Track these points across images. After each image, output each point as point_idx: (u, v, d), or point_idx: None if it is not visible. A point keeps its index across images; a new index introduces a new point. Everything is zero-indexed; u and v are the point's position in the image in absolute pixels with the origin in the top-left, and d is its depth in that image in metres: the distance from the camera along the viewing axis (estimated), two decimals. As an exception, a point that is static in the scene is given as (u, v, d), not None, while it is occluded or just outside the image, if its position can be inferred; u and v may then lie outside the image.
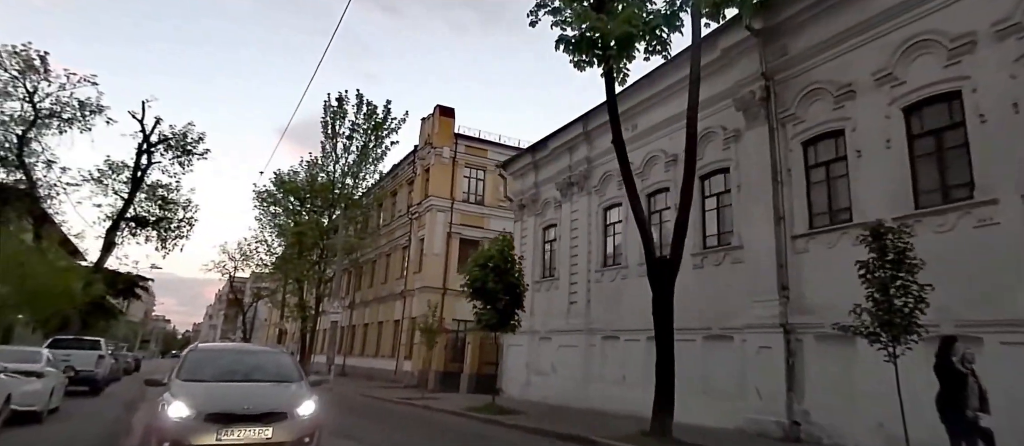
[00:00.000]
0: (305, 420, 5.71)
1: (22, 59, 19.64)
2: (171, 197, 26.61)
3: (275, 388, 6.06)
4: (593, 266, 16.01)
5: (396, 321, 29.56)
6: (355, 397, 18.37)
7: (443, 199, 27.71)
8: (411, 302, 27.86)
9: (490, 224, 28.83)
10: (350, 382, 25.50)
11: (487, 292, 12.38)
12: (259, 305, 57.11)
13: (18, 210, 18.56)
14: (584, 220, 16.59)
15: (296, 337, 47.41)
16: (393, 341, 29.61)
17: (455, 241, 27.76)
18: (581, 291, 16.17)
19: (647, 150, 14.70)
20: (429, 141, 28.96)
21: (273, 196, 32.35)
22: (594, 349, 15.26)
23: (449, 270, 27.16)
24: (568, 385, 15.60)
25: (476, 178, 29.47)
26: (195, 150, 25.46)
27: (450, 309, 26.77)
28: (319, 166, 32.15)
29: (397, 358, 27.78)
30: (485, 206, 29.06)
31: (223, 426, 5.22)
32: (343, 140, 31.82)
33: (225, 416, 5.28)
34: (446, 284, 26.89)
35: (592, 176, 16.64)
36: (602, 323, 15.17)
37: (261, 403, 5.57)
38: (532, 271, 18.21)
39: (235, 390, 5.80)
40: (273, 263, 33.68)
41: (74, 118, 21.34)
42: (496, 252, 12.63)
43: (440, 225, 27.38)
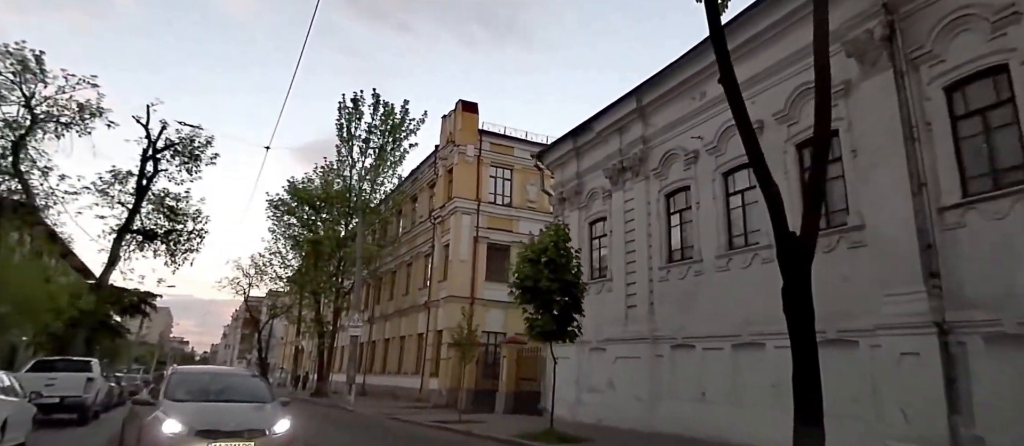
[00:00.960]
0: (282, 437, 6.23)
1: (16, 59, 18.23)
2: (180, 208, 25.02)
3: (254, 407, 6.62)
4: (655, 263, 13.72)
5: (420, 335, 27.45)
6: (381, 420, 16.22)
7: (468, 201, 25.68)
8: (436, 314, 25.74)
9: (519, 227, 26.71)
10: (372, 402, 23.38)
11: (540, 293, 10.15)
12: (274, 323, 55.58)
13: (12, 221, 16.96)
14: (641, 210, 14.34)
15: (313, 355, 45.67)
16: (417, 357, 27.46)
17: (482, 246, 25.65)
18: (641, 293, 13.87)
19: (725, 119, 12.45)
20: (451, 139, 27.06)
21: (287, 205, 30.66)
22: (661, 361, 12.91)
23: (477, 278, 25.04)
24: (630, 404, 13.24)
25: (503, 178, 27.44)
26: (203, 155, 23.89)
27: (479, 320, 24.49)
28: (335, 171, 30.45)
29: (422, 375, 25.60)
30: (513, 208, 26.98)
31: (210, 441, 5.73)
32: (359, 143, 30.11)
33: (213, 432, 5.80)
34: (474, 293, 24.74)
35: (649, 158, 14.42)
36: (670, 329, 12.83)
37: (244, 421, 6.12)
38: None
39: (219, 409, 6.37)
40: (288, 277, 31.86)
41: (72, 122, 19.87)
42: (550, 244, 10.41)
43: (466, 229, 25.32)
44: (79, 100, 19.76)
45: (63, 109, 19.56)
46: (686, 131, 13.41)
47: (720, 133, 12.43)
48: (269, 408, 6.67)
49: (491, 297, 25.10)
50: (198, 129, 23.35)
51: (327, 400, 26.13)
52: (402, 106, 30.00)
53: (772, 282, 10.86)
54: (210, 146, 23.54)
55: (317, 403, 25.22)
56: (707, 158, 12.72)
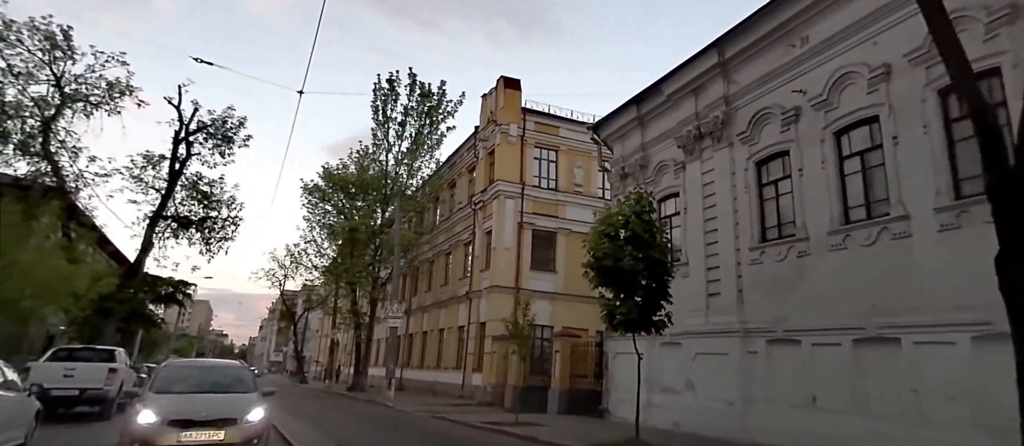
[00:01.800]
0: (254, 424, 6.65)
1: (44, 34, 17.60)
2: (214, 194, 24.34)
3: (229, 397, 7.01)
4: (744, 243, 11.80)
5: (461, 328, 26.10)
6: (425, 419, 14.86)
7: (512, 184, 24.09)
8: (478, 305, 24.32)
9: (566, 213, 25.02)
10: (411, 398, 22.16)
11: (622, 274, 8.43)
12: (310, 317, 55.56)
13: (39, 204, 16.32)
14: (724, 182, 12.43)
15: (348, 348, 45.14)
16: (458, 351, 26.14)
17: (527, 233, 24.05)
18: (726, 278, 11.99)
19: (829, 69, 10.44)
20: (493, 118, 25.50)
21: (322, 191, 29.77)
22: (755, 359, 11.02)
23: (521, 267, 23.45)
24: (716, 409, 11.41)
25: (548, 159, 25.73)
26: (236, 137, 23.06)
27: (527, 315, 22.98)
28: (370, 156, 29.36)
29: (464, 371, 24.25)
30: (559, 192, 25.26)
31: (182, 429, 6.18)
32: (395, 126, 28.91)
33: (184, 421, 6.23)
34: (519, 283, 23.17)
35: (734, 121, 12.47)
36: (766, 321, 10.92)
37: (214, 410, 6.51)
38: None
39: (195, 400, 6.74)
40: (325, 266, 31.01)
41: (102, 101, 19.21)
42: (631, 215, 8.66)
43: (509, 214, 23.75)
44: (108, 78, 19.12)
45: (92, 88, 18.92)
46: (782, 85, 11.41)
47: (831, 83, 10.40)
48: (246, 398, 7.08)
49: (537, 287, 23.51)
50: (230, 110, 22.49)
51: (364, 395, 25.11)
52: (439, 87, 28.66)
53: (907, 263, 8.96)
54: (243, 127, 22.71)
55: (354, 398, 24.22)
56: (813, 115, 10.71)
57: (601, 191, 26.29)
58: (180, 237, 24.57)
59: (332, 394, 27.50)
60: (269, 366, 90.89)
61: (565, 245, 24.69)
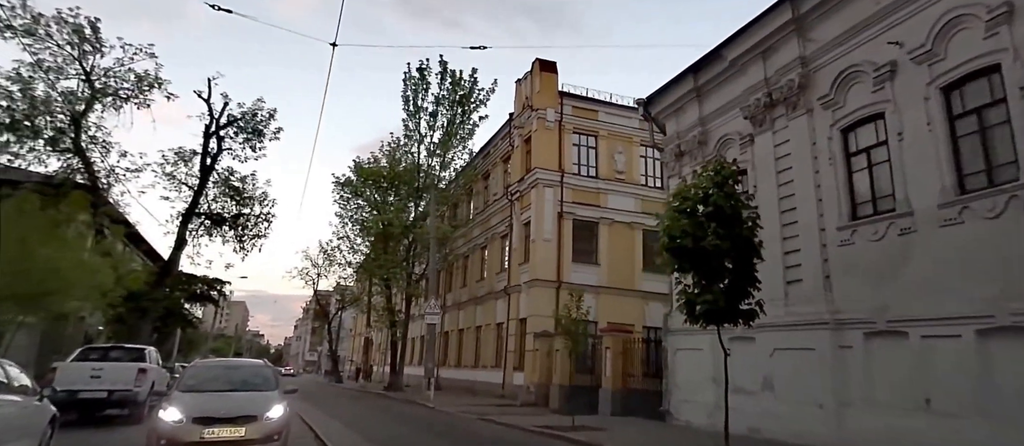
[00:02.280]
0: (273, 421, 6.92)
1: (72, 27, 17.43)
2: (245, 190, 24.09)
3: (251, 395, 7.32)
4: (830, 222, 10.45)
5: (499, 324, 25.20)
6: (470, 421, 13.97)
7: (550, 171, 23.01)
8: (518, 300, 23.36)
9: (607, 202, 23.83)
10: (450, 398, 21.37)
11: (705, 257, 7.23)
12: (343, 316, 55.71)
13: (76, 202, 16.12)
14: (802, 153, 11.09)
15: (382, 346, 44.85)
16: (497, 349, 25.26)
17: (567, 223, 22.94)
18: (809, 263, 10.65)
19: (933, 15, 9.01)
20: (528, 103, 24.46)
21: (353, 185, 29.29)
22: (850, 354, 9.69)
23: (562, 259, 22.37)
24: (803, 412, 10.12)
25: (587, 146, 24.55)
26: (266, 130, 22.69)
27: (568, 308, 21.90)
28: (402, 148, 28.72)
29: (505, 369, 23.34)
30: (600, 179, 24.05)
31: (205, 426, 6.45)
32: (426, 117, 28.23)
33: (207, 419, 6.51)
34: (561, 276, 22.10)
35: (813, 84, 11.09)
36: (862, 310, 9.57)
37: (236, 408, 6.82)
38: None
39: (218, 398, 7.06)
40: (358, 263, 30.54)
41: (131, 95, 19.02)
42: (712, 186, 7.47)
43: (548, 204, 22.68)
44: (137, 71, 18.90)
45: (122, 82, 18.74)
46: (873, 38, 10.00)
47: (936, 32, 8.96)
48: (266, 395, 7.36)
49: (579, 281, 22.37)
50: (260, 102, 22.11)
51: (402, 395, 24.49)
52: (470, 75, 27.82)
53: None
54: (273, 119, 22.30)
55: (392, 398, 23.61)
56: (914, 71, 9.29)
57: (644, 178, 25.02)
58: (214, 235, 24.48)
59: (368, 394, 27.03)
60: (304, 365, 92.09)
61: (607, 236, 23.50)
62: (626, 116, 25.02)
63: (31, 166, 17.31)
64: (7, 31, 16.14)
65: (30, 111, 16.92)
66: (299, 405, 18.52)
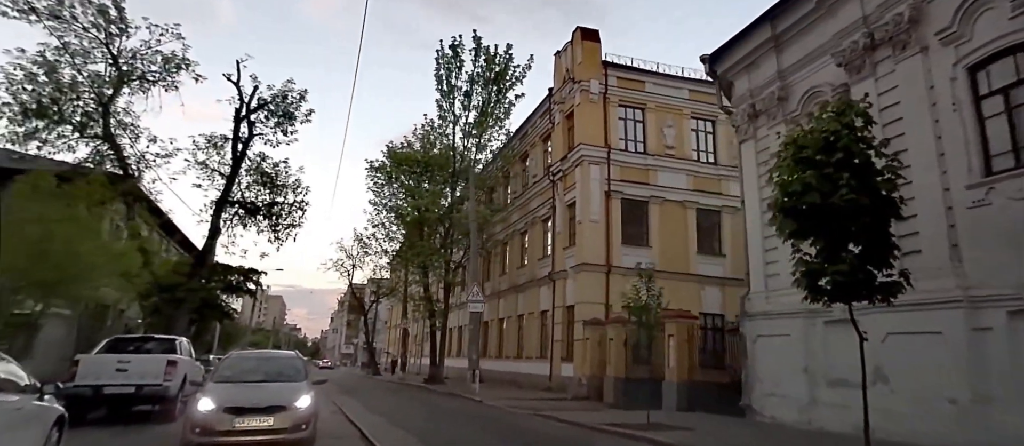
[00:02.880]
0: (301, 411, 7.26)
1: (96, 7, 16.96)
2: (279, 177, 23.57)
3: (281, 386, 7.71)
4: (957, 179, 8.82)
5: (543, 313, 24.05)
6: (525, 417, 12.87)
7: (596, 148, 21.59)
8: (564, 287, 22.12)
9: (657, 179, 22.29)
10: (497, 391, 20.38)
11: (834, 215, 5.74)
12: (379, 308, 55.59)
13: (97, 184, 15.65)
14: (916, 101, 9.43)
15: (419, 338, 44.36)
16: (541, 339, 24.13)
17: (615, 203, 21.50)
18: (930, 230, 9.04)
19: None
20: (570, 76, 23.04)
21: (387, 170, 28.50)
22: (990, 338, 8.10)
23: (611, 242, 20.97)
24: (926, 409, 8.58)
25: (634, 120, 23.00)
26: (297, 113, 22.02)
27: (618, 294, 20.56)
28: (436, 130, 27.76)
29: (551, 360, 22.17)
30: (649, 155, 22.48)
31: (237, 416, 6.89)
32: (461, 97, 27.15)
33: (238, 408, 6.94)
34: (610, 260, 20.73)
35: (928, 17, 9.41)
36: (1006, 285, 7.95)
37: (266, 398, 7.20)
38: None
39: (249, 389, 7.47)
40: (394, 251, 29.77)
41: (159, 77, 18.54)
42: (841, 130, 5.94)
43: (595, 182, 21.29)
44: (164, 53, 18.38)
45: (149, 64, 18.26)
46: (1013, -46, 8.25)
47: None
48: (295, 386, 7.67)
49: (630, 264, 20.93)
50: (290, 83, 21.41)
51: (443, 388, 23.66)
52: (505, 51, 26.56)
53: None
54: (304, 101, 21.58)
55: (433, 391, 22.78)
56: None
57: (695, 153, 23.36)
58: (248, 225, 24.12)
59: (408, 386, 26.33)
60: (341, 358, 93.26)
61: (658, 216, 21.98)
62: (675, 86, 23.38)
63: (60, 153, 16.97)
64: (32, 15, 15.74)
65: (56, 95, 16.53)
66: (340, 399, 17.92)
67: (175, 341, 11.19)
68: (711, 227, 22.93)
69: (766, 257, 12.00)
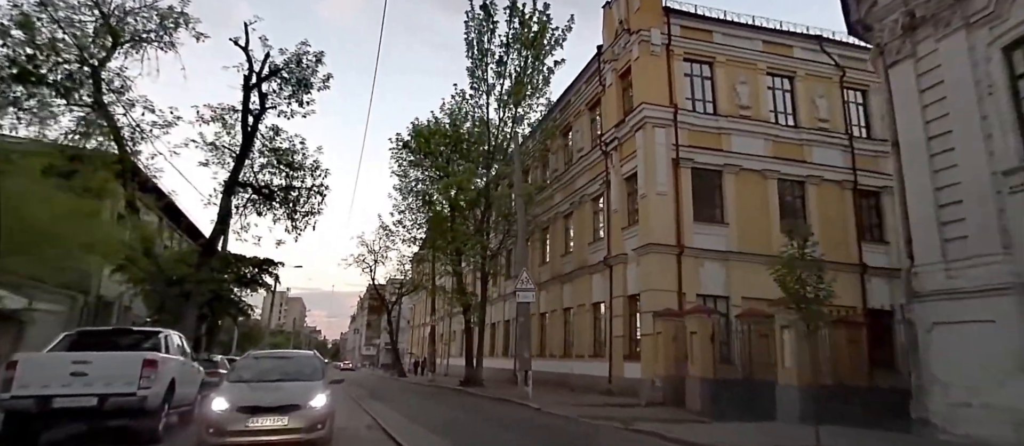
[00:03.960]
0: (317, 411, 7.22)
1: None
2: (295, 158, 21.21)
3: (296, 386, 7.63)
4: None
5: (595, 304, 21.30)
6: (611, 432, 10.11)
7: (660, 107, 18.70)
8: (624, 273, 19.31)
9: (731, 145, 19.36)
10: (546, 394, 17.69)
11: None
12: (402, 308, 53.32)
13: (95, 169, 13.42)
14: None
15: (445, 336, 41.87)
16: (594, 334, 21.37)
17: (685, 173, 18.59)
18: None
19: None
20: (625, 27, 20.18)
21: (411, 151, 25.96)
22: None
23: (682, 218, 18.07)
24: None
25: (701, 76, 20.06)
26: (314, 80, 19.57)
27: (692, 279, 17.69)
28: (468, 101, 25.14)
29: (610, 359, 19.40)
30: (721, 116, 19.52)
31: (251, 415, 6.83)
32: (494, 64, 24.53)
33: (252, 408, 6.88)
34: (681, 239, 17.85)
35: None
36: None
37: (280, 398, 7.15)
38: (965, 152, 8.59)
39: (264, 388, 7.46)
40: (422, 237, 27.15)
41: (155, 36, 16.24)
42: None
43: (660, 148, 18.41)
44: (160, 7, 16.05)
45: (143, 21, 15.96)
46: None
47: None
48: (311, 385, 7.62)
49: (704, 245, 18.12)
50: (304, 46, 18.92)
51: (484, 391, 21.05)
52: (543, 8, 23.83)
53: None
54: (321, 64, 19.06)
55: (474, 395, 20.19)
56: None
57: (773, 114, 20.34)
58: (263, 212, 21.87)
59: (443, 390, 23.78)
60: (361, 360, 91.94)
61: (734, 187, 19.03)
62: (747, 37, 20.39)
63: (43, 123, 14.72)
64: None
65: (35, 57, 14.28)
66: (371, 406, 15.47)
67: (160, 334, 8.67)
68: (794, 201, 19.93)
69: (942, 214, 9.04)
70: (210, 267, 19.57)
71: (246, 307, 23.97)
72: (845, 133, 20.83)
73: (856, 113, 21.84)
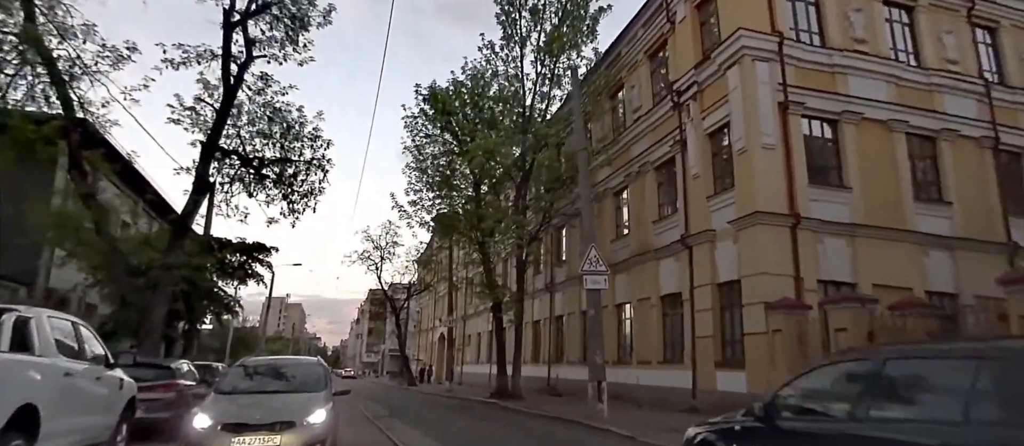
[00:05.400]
0: (315, 429, 6.30)
1: None
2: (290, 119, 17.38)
3: (292, 398, 6.81)
4: None
5: (667, 297, 17.12)
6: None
7: (760, 35, 14.59)
8: (711, 254, 15.16)
9: (848, 87, 15.23)
10: (618, 413, 13.40)
11: None
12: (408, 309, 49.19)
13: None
14: None
15: (459, 342, 37.63)
16: (663, 335, 17.19)
17: (795, 121, 14.49)
18: None
19: None
20: (705, -58, 16.05)
21: (427, 116, 21.86)
22: None
23: (795, 179, 13.91)
24: None
25: (805, 0, 15.92)
26: (311, 17, 15.67)
27: (809, 260, 13.49)
28: (498, 55, 21.10)
29: (693, 366, 15.18)
30: (836, 51, 15.40)
31: (235, 434, 5.97)
32: (527, 14, 20.55)
33: (237, 425, 6.04)
34: (795, 207, 13.68)
35: None
36: None
37: (271, 413, 6.24)
38: None
39: (255, 401, 6.65)
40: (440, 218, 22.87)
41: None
42: None
43: (763, 86, 14.29)
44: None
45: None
46: None
47: None
48: (310, 398, 6.82)
49: (823, 215, 13.94)
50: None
51: (526, 405, 16.88)
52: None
53: None
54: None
55: (518, 412, 15.98)
56: None
57: (893, 52, 16.23)
58: (254, 192, 17.98)
59: (473, 404, 19.57)
60: (363, 368, 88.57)
61: (856, 142, 14.90)
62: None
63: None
64: None
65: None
66: (391, 426, 11.60)
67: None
68: (926, 161, 15.82)
69: None
70: (183, 250, 15.54)
71: (232, 302, 19.90)
72: (980, 78, 16.73)
73: (987, 56, 17.77)
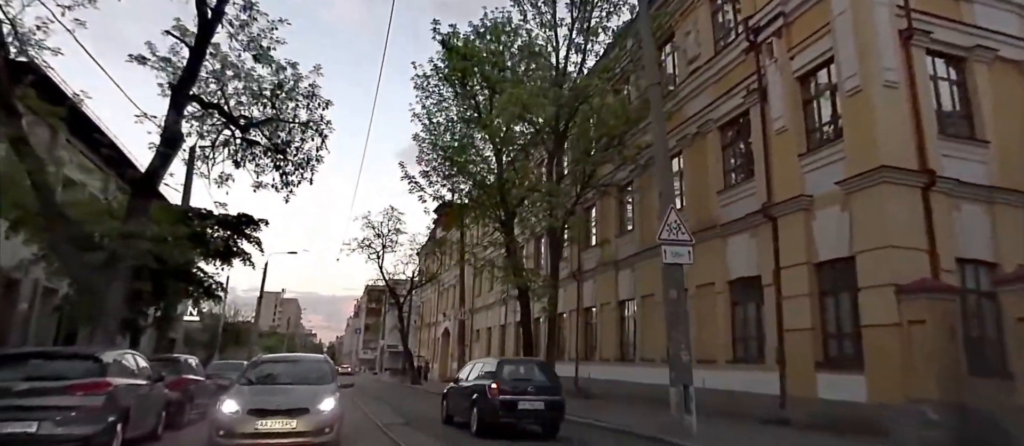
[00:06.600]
0: (325, 414, 7.69)
1: None
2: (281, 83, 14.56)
3: (305, 389, 8.16)
4: None
5: (737, 282, 14.12)
6: None
7: (875, -49, 11.51)
8: (808, 226, 12.16)
9: (976, 17, 12.32)
10: (702, 426, 10.40)
11: None
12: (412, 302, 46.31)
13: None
14: None
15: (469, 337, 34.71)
16: (731, 329, 14.21)
17: (920, 57, 11.47)
18: None
19: None
20: None
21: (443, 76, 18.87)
22: None
23: (924, 127, 10.90)
24: None
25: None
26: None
27: (945, 232, 10.52)
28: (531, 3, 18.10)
29: (782, 368, 12.15)
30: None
31: (259, 418, 7.34)
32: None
33: (261, 411, 7.40)
34: (926, 162, 10.69)
35: None
36: None
37: (289, 401, 7.66)
38: None
39: (274, 390, 8.08)
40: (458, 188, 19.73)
41: None
42: None
43: (880, 8, 11.25)
44: None
45: None
46: None
47: None
48: (320, 389, 8.15)
49: (956, 174, 10.95)
50: None
51: (572, 411, 13.78)
52: None
53: None
54: None
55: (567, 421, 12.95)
56: None
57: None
58: (242, 161, 15.31)
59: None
60: (359, 364, 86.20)
61: (989, 85, 11.92)
62: None
63: None
64: None
65: None
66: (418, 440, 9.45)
67: None
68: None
69: None
70: (148, 217, 12.56)
71: (214, 285, 16.99)
72: None
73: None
